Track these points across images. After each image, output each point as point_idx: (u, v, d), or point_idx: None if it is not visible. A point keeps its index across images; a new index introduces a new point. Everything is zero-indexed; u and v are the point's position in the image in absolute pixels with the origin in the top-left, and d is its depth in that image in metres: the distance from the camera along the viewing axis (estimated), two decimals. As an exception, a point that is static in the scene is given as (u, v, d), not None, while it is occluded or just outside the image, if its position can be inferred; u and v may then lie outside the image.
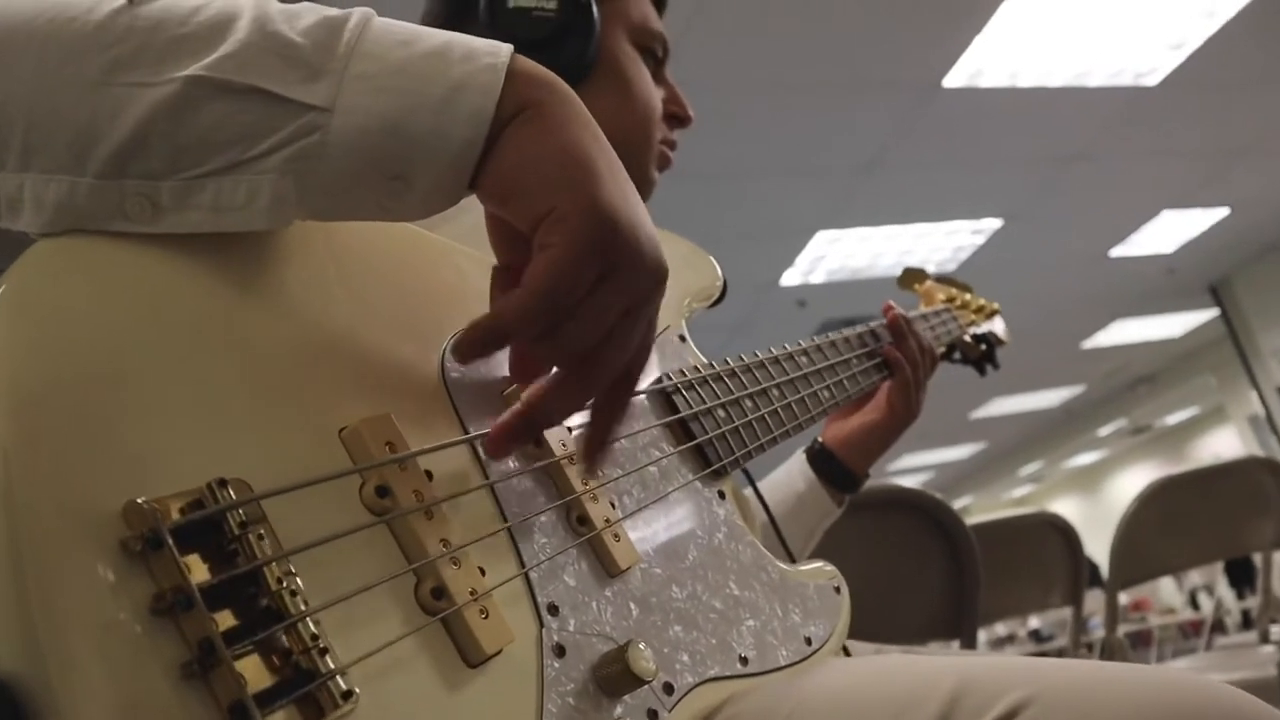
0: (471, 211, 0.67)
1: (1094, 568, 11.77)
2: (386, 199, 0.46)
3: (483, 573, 0.45)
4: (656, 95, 0.97)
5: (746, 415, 0.75)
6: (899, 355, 1.02)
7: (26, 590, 0.32)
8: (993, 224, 5.66)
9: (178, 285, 0.43)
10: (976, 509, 16.28)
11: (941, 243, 5.80)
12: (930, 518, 1.47)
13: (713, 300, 0.85)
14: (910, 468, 11.78)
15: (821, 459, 1.04)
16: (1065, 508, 15.86)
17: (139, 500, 0.35)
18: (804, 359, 0.88)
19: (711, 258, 0.88)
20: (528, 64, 0.49)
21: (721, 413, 0.73)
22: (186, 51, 0.44)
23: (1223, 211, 6.19)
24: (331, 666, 0.37)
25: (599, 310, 0.46)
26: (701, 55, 3.61)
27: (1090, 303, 7.43)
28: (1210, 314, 8.09)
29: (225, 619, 0.35)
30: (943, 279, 1.43)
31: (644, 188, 0.97)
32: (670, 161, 1.00)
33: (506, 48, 0.48)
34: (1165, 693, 0.45)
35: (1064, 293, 7.02)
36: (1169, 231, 6.30)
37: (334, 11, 0.47)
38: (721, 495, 0.68)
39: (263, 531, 0.38)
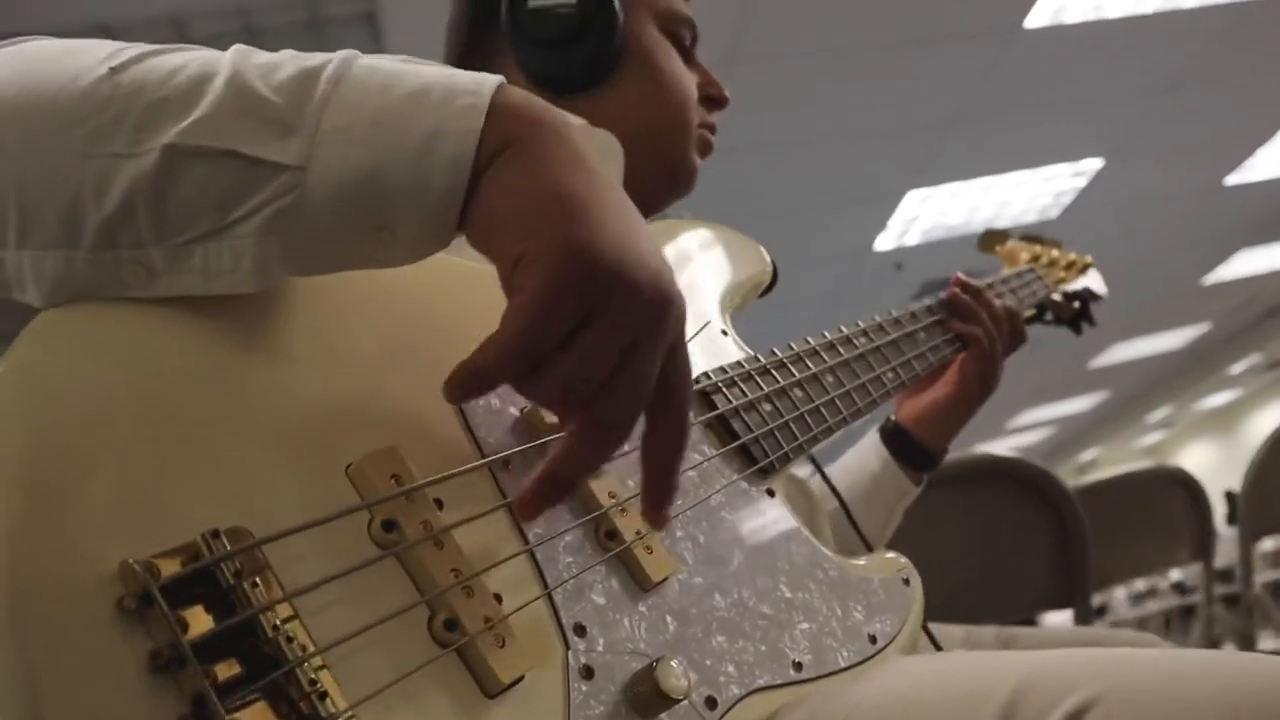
0: None
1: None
2: (373, 249, 0.46)
3: (499, 599, 0.45)
4: (690, 79, 0.95)
5: (797, 407, 0.73)
6: (970, 328, 0.98)
7: (31, 657, 0.33)
8: (1094, 164, 5.44)
9: (174, 344, 0.44)
10: (1105, 461, 15.75)
11: (1040, 189, 5.60)
12: (1031, 486, 1.42)
13: (764, 288, 0.83)
14: (1029, 424, 11.45)
15: (896, 437, 1.00)
16: (1202, 452, 15.23)
17: (130, 560, 0.36)
18: (863, 339, 0.85)
19: (758, 245, 0.86)
20: (513, 98, 0.47)
21: (768, 406, 0.70)
22: (164, 117, 0.43)
23: (1349, 123, 5.83)
24: (332, 710, 0.37)
25: (588, 350, 0.44)
26: (772, 26, 3.57)
27: (1208, 236, 7.09)
28: (1344, 234, 7.64)
29: (229, 669, 0.36)
30: (1029, 236, 1.37)
31: (684, 174, 0.95)
32: (712, 146, 0.98)
33: (491, 83, 0.46)
34: (1240, 682, 0.42)
35: (1178, 228, 6.72)
36: (1290, 152, 5.97)
37: (314, 60, 0.46)
38: (771, 493, 0.66)
39: (259, 579, 0.38)
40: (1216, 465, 14.83)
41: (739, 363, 0.72)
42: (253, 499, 0.41)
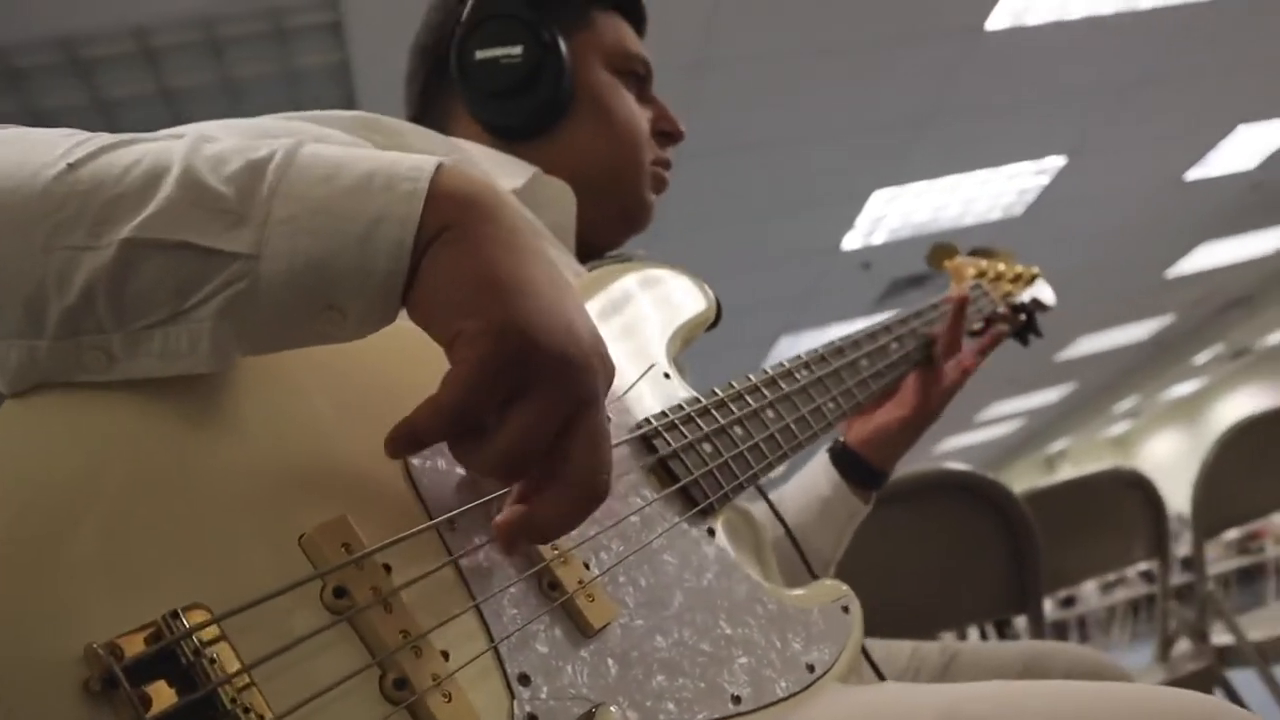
0: None
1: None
2: (323, 328, 0.48)
3: (446, 656, 0.47)
4: (642, 117, 0.98)
5: (737, 445, 0.75)
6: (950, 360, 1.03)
7: None
8: (1056, 162, 5.52)
9: (129, 425, 0.46)
10: (1074, 451, 15.93)
11: (1004, 187, 5.68)
12: (983, 496, 1.46)
13: (709, 325, 0.85)
14: (998, 416, 11.57)
15: (845, 459, 1.02)
16: (1168, 441, 15.44)
17: (93, 645, 0.38)
18: (804, 372, 0.87)
19: (702, 283, 0.88)
20: (450, 182, 0.50)
21: (707, 446, 0.72)
22: (121, 211, 0.46)
23: (1304, 119, 5.94)
24: None
25: (524, 419, 0.48)
26: (736, 30, 3.60)
27: (1171, 230, 7.20)
28: (1302, 227, 7.78)
29: (192, 741, 0.38)
30: (977, 250, 1.40)
31: (639, 212, 0.98)
32: (666, 182, 1.01)
33: (429, 168, 0.49)
34: (1147, 714, 0.45)
35: (1141, 223, 6.82)
36: (1248, 146, 6.07)
37: (261, 151, 0.49)
38: (711, 532, 0.69)
39: (216, 654, 0.40)
40: (1182, 454, 15.03)
41: (680, 404, 0.74)
42: (210, 574, 0.43)
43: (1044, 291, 1.37)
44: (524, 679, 0.50)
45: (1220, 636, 2.01)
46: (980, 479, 1.49)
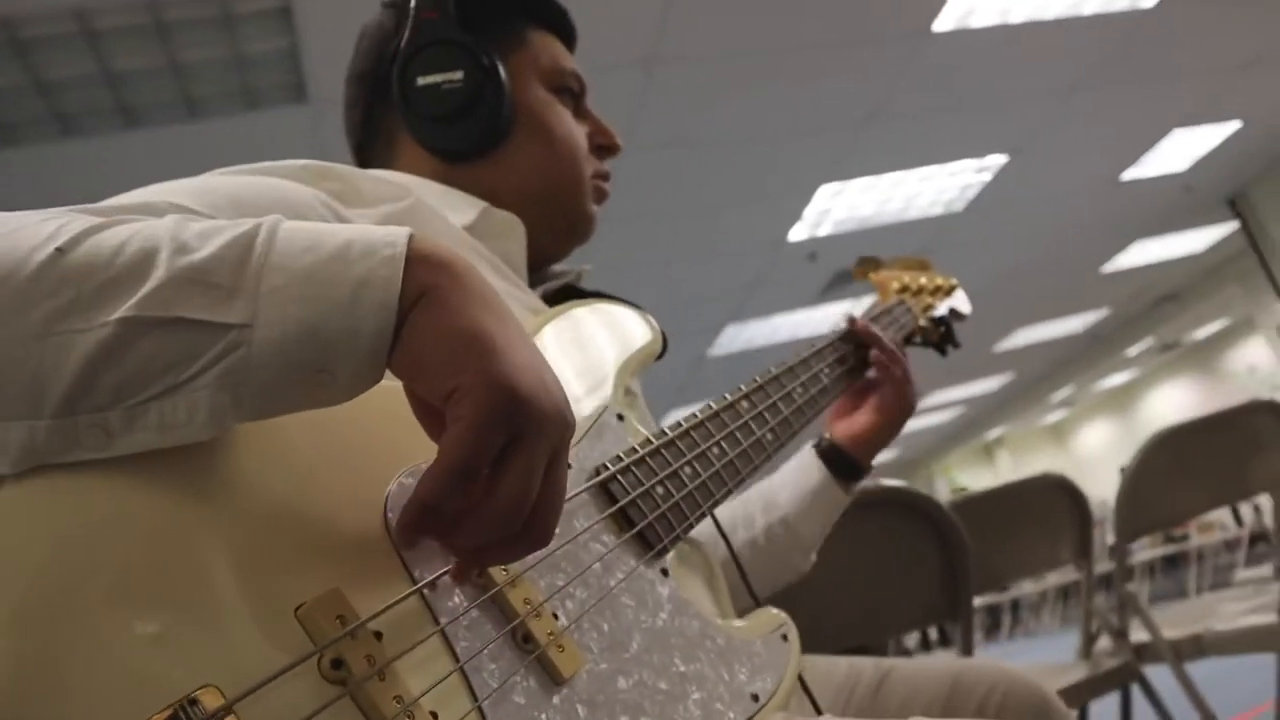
0: (376, 208, 0.75)
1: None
2: (315, 390, 0.51)
3: (435, 717, 0.51)
4: (580, 133, 1.00)
5: (686, 485, 0.78)
6: (886, 370, 1.10)
7: None
8: (998, 160, 5.64)
9: (124, 505, 0.48)
10: (1011, 438, 16.27)
11: (947, 183, 5.79)
12: (916, 511, 1.53)
13: (656, 356, 0.89)
14: (939, 404, 11.79)
15: (831, 455, 1.09)
16: (1100, 430, 15.84)
17: None
18: (745, 404, 0.91)
19: (647, 316, 0.91)
20: (424, 246, 0.53)
21: (660, 490, 0.76)
22: (114, 293, 0.48)
23: (1235, 125, 6.13)
24: None
25: (522, 467, 0.52)
26: (690, 28, 3.63)
27: (1107, 227, 7.39)
28: (1230, 227, 8.01)
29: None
30: (900, 261, 1.42)
31: (582, 225, 1.01)
32: (606, 194, 1.04)
33: (402, 235, 0.52)
34: None
35: (1078, 220, 6.99)
36: (1181, 149, 6.25)
37: (244, 226, 0.51)
38: (665, 573, 0.73)
39: None
40: (1113, 442, 15.44)
41: (633, 448, 0.77)
42: (215, 651, 0.46)
43: (961, 302, 1.40)
44: (504, 730, 0.54)
45: (1139, 634, 2.11)
46: (915, 494, 1.56)
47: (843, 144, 4.95)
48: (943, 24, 4.14)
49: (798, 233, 5.84)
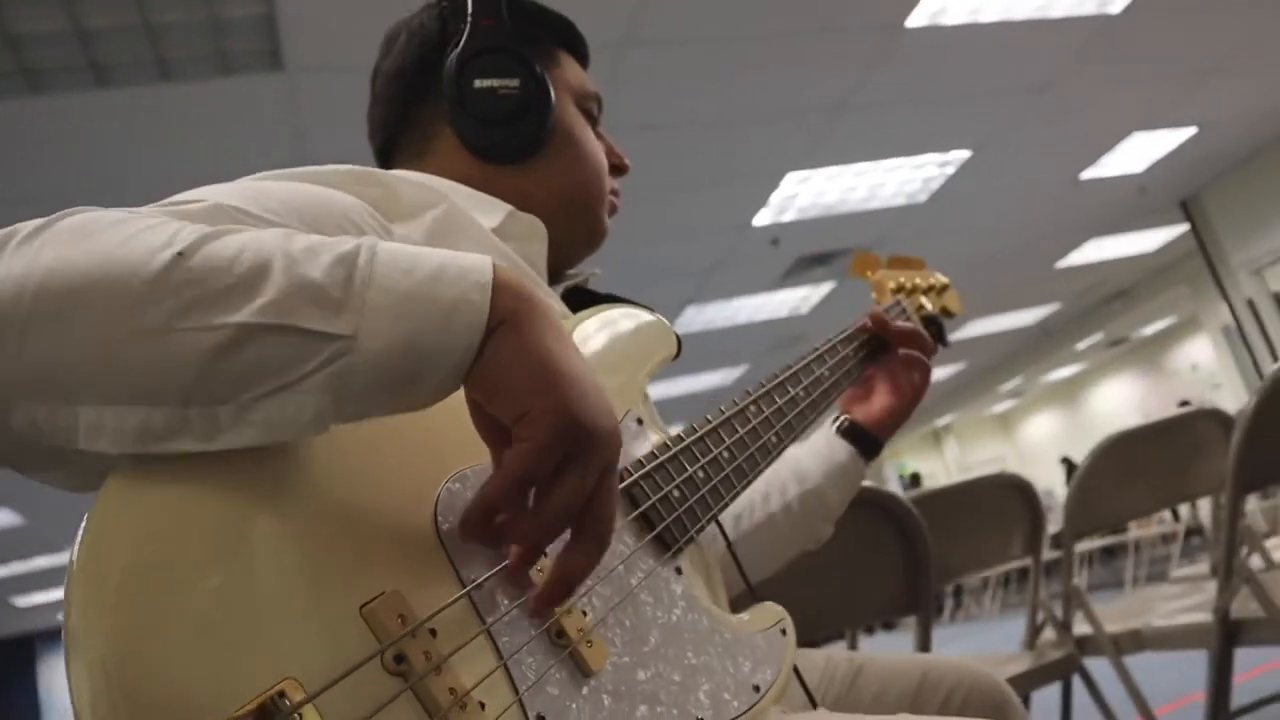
0: (421, 219, 0.80)
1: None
2: (403, 398, 0.57)
3: (483, 707, 0.56)
4: (602, 152, 1.06)
5: (699, 488, 0.85)
6: (908, 351, 1.19)
7: None
8: (961, 155, 5.74)
9: (216, 505, 0.52)
10: (959, 426, 16.55)
11: (911, 175, 5.88)
12: (882, 509, 1.60)
13: (672, 357, 0.94)
14: (892, 390, 11.95)
15: (855, 433, 1.18)
16: (1046, 420, 16.16)
17: None
18: (753, 409, 0.97)
19: (663, 320, 0.95)
20: (506, 276, 0.59)
21: (676, 493, 0.82)
22: (233, 300, 0.52)
23: (1190, 130, 6.28)
24: None
25: (574, 483, 0.58)
26: (666, 11, 3.66)
27: (1063, 225, 7.55)
28: (1181, 229, 8.22)
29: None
30: (894, 260, 1.46)
31: (599, 235, 1.07)
32: (617, 208, 1.09)
33: (488, 264, 0.58)
34: None
35: (1036, 217, 7.14)
36: (1139, 152, 6.40)
37: (347, 245, 0.57)
38: (679, 571, 0.79)
39: None
40: (1059, 433, 15.79)
41: (652, 453, 0.83)
42: (293, 647, 0.50)
43: (952, 301, 1.46)
44: (541, 719, 0.60)
45: (1081, 627, 2.21)
46: (883, 493, 1.63)
47: (812, 133, 5.01)
48: (916, 20, 4.21)
49: (762, 218, 5.91)
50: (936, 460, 16.45)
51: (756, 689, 0.75)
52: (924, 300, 1.39)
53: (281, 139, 3.91)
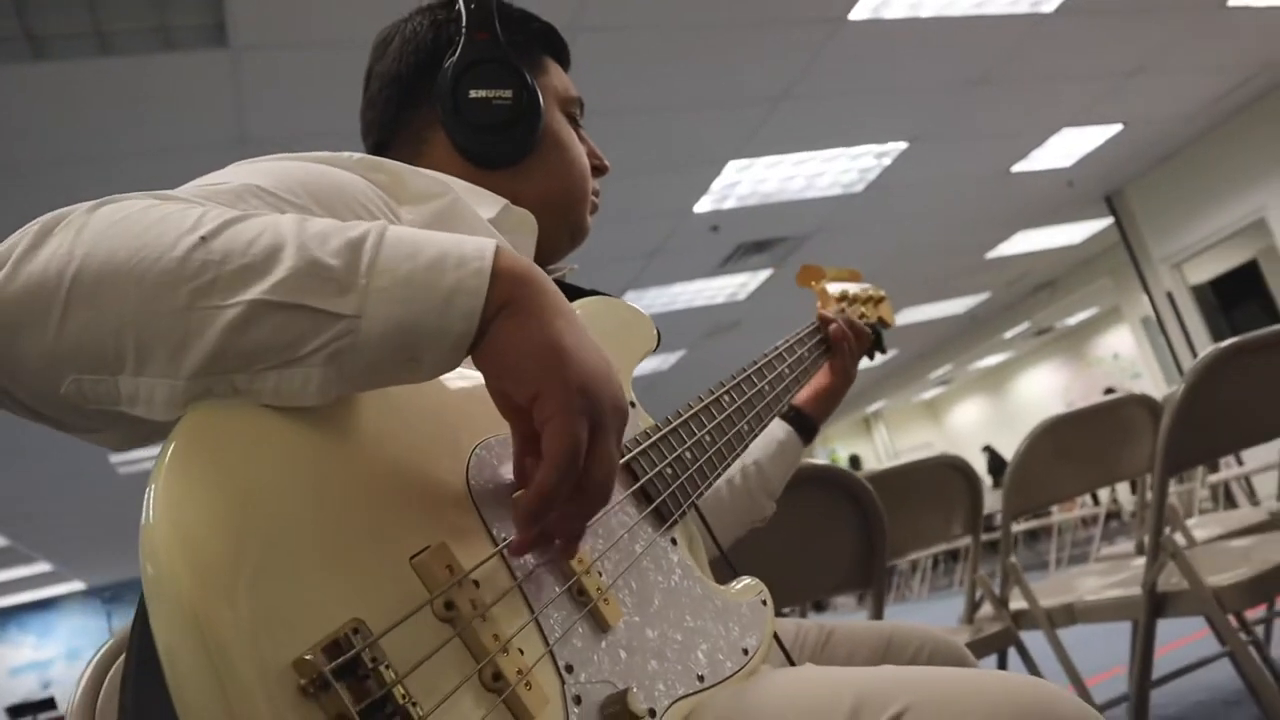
0: (427, 204, 0.83)
1: (1004, 463, 12.34)
2: (403, 372, 0.61)
3: (522, 652, 0.61)
4: (585, 155, 1.10)
5: (688, 468, 0.91)
6: (838, 342, 1.32)
7: None
8: (898, 146, 5.86)
9: (297, 450, 0.57)
10: (889, 412, 16.88)
11: (849, 165, 5.99)
12: (842, 487, 1.67)
13: (652, 350, 0.99)
14: (826, 377, 12.14)
15: (793, 415, 1.31)
16: (973, 408, 16.54)
17: (305, 656, 0.49)
18: (727, 398, 1.04)
19: (648, 316, 1.01)
20: (508, 261, 0.63)
21: (669, 470, 0.88)
22: (248, 278, 0.57)
23: (1117, 127, 6.48)
24: None
25: (605, 455, 0.63)
26: (615, 0, 3.69)
27: (994, 216, 7.74)
28: (1105, 222, 8.48)
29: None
30: (834, 271, 1.54)
31: (581, 233, 1.12)
32: (598, 207, 1.14)
33: (490, 249, 0.62)
34: (1014, 702, 0.63)
35: (969, 208, 7.31)
36: (1067, 147, 6.60)
37: (356, 230, 0.60)
38: (674, 541, 0.85)
39: (388, 661, 0.52)
40: (983, 420, 16.18)
41: (646, 432, 0.89)
42: (357, 592, 0.54)
43: (886, 311, 1.56)
44: (569, 668, 0.64)
45: (1017, 602, 2.32)
46: (843, 473, 1.70)
47: (754, 122, 5.08)
48: (859, 13, 4.29)
49: (703, 204, 5.97)
50: (867, 446, 16.76)
51: (745, 651, 0.81)
52: (863, 310, 1.48)
53: (224, 116, 3.86)
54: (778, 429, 1.30)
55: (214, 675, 0.46)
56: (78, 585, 13.73)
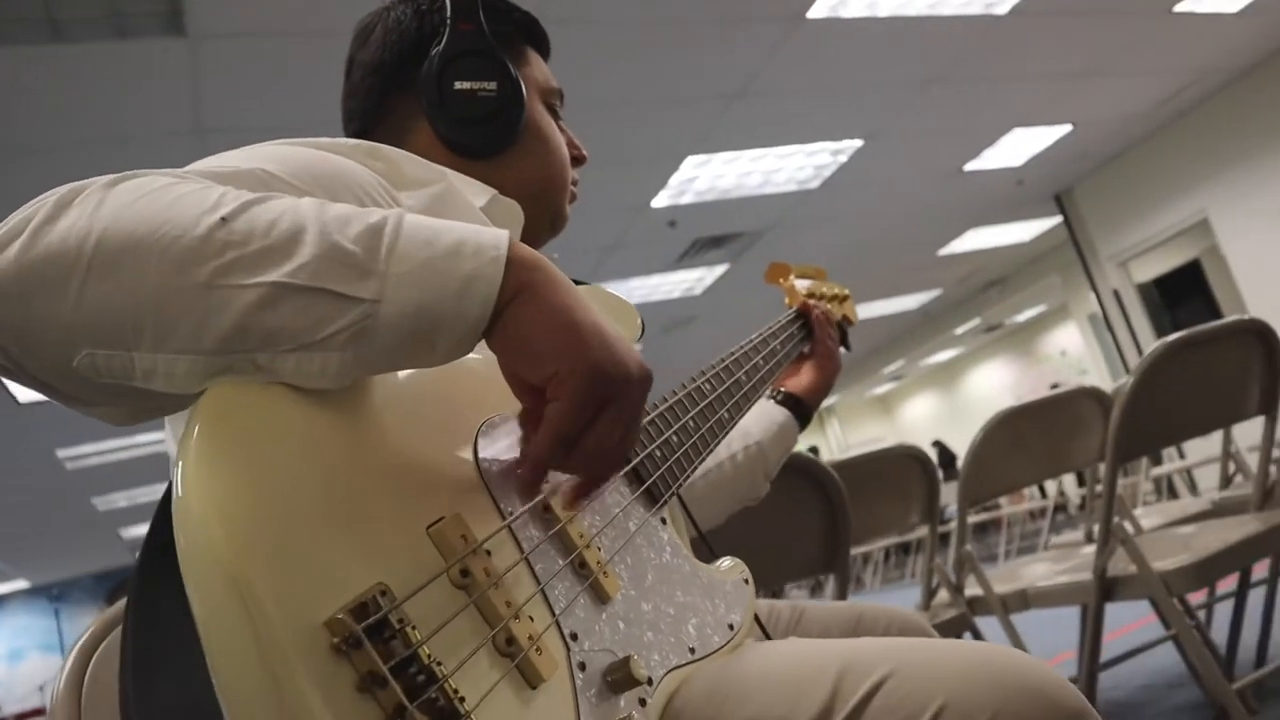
0: (423, 190, 0.86)
1: (953, 457, 12.45)
2: (419, 356, 0.63)
3: (532, 619, 0.64)
4: (564, 145, 1.12)
5: (675, 451, 0.95)
6: (821, 336, 1.39)
7: (280, 695, 0.47)
8: (853, 144, 5.94)
9: (318, 425, 0.59)
10: (841, 407, 17.05)
11: (805, 162, 6.06)
12: (808, 475, 1.72)
13: (638, 338, 1.02)
14: (780, 372, 12.24)
15: (791, 402, 1.36)
16: (925, 403, 16.77)
17: (338, 615, 0.51)
18: (708, 386, 1.08)
19: (632, 305, 1.04)
20: (521, 251, 0.65)
21: (658, 453, 0.92)
22: (270, 260, 0.58)
23: (1066, 128, 6.62)
24: (468, 709, 0.54)
25: (607, 428, 0.66)
26: (577, -6, 3.72)
27: (946, 213, 7.87)
28: (1054, 221, 8.65)
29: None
30: (800, 269, 1.58)
31: (560, 222, 1.14)
32: (576, 197, 1.17)
33: (504, 238, 0.64)
34: (989, 667, 0.67)
35: (921, 205, 7.42)
36: (1018, 147, 6.72)
37: (375, 217, 0.62)
38: (664, 521, 0.88)
39: (413, 622, 0.54)
40: (935, 415, 16.42)
41: None
42: (379, 558, 0.56)
43: (850, 310, 1.59)
44: (574, 636, 0.68)
45: (971, 589, 2.38)
46: (811, 461, 1.75)
47: (712, 118, 5.12)
48: (817, 11, 4.35)
49: (661, 199, 6.01)
50: (820, 440, 16.93)
51: (731, 627, 0.85)
52: (829, 308, 1.52)
53: (180, 105, 3.82)
54: (777, 413, 1.34)
55: (253, 634, 0.48)
56: (21, 584, 13.43)
